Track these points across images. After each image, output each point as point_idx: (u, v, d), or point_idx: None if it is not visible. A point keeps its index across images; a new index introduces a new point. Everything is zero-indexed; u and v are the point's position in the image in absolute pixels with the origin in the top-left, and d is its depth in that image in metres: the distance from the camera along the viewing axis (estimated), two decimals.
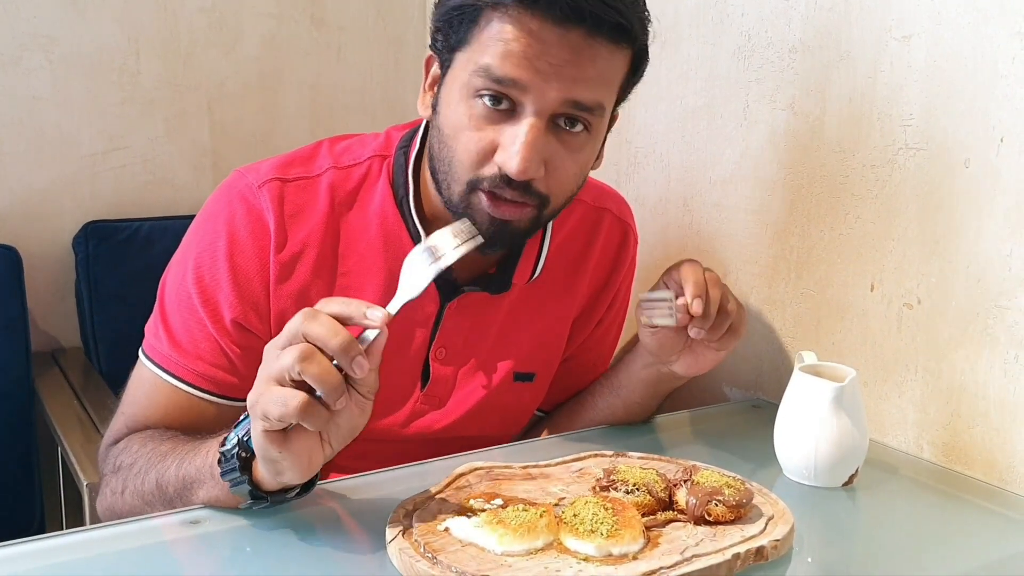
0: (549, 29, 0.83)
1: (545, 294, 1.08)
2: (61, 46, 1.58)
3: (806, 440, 0.91)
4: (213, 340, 0.93)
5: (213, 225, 0.96)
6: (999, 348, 0.94)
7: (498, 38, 0.84)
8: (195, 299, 0.94)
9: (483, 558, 0.70)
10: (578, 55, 0.84)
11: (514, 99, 0.85)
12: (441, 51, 0.91)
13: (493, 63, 0.84)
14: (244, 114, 1.77)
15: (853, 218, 1.09)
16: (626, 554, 0.71)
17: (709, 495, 0.78)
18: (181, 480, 0.83)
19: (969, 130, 0.96)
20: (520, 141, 0.84)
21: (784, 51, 1.15)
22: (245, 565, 0.74)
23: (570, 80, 0.85)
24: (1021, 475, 0.93)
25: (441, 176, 0.91)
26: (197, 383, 0.93)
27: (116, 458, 0.92)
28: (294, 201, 0.96)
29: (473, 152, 0.87)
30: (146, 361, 0.96)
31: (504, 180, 0.86)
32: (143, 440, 0.91)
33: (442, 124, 0.90)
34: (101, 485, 0.95)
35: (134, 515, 0.84)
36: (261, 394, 0.72)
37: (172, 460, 0.85)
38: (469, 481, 0.85)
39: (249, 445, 0.76)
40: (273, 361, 0.72)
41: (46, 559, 0.74)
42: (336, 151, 1.00)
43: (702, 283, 0.92)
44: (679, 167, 1.34)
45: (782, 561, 0.76)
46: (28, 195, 1.60)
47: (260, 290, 0.94)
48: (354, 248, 0.98)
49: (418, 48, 1.93)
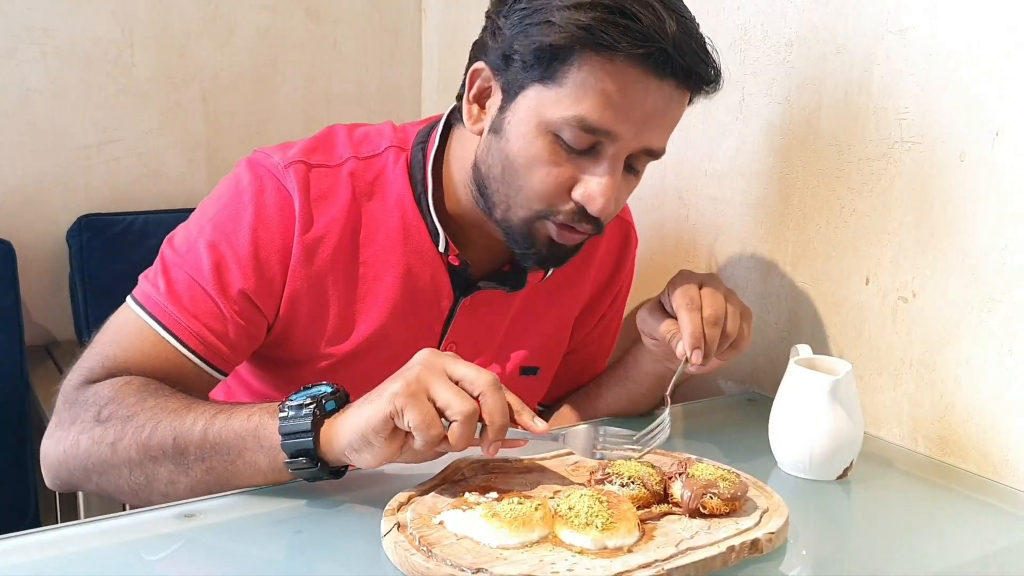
0: (648, 80, 0.85)
1: (553, 291, 1.09)
2: (55, 38, 1.58)
3: (801, 433, 0.91)
4: (214, 304, 0.92)
5: (239, 196, 0.94)
6: (994, 342, 0.94)
7: (598, 88, 0.84)
8: (206, 261, 0.92)
9: (478, 551, 0.70)
10: (666, 104, 0.88)
11: (600, 143, 0.87)
12: (511, 75, 0.89)
13: (591, 115, 0.85)
14: (239, 107, 1.77)
15: (848, 212, 1.09)
16: (621, 547, 0.71)
17: (704, 488, 0.78)
18: (209, 443, 0.81)
19: (965, 124, 0.96)
20: (605, 184, 0.87)
21: (780, 44, 1.15)
22: (240, 559, 0.74)
23: (653, 129, 0.88)
24: (1015, 468, 0.93)
25: (500, 197, 0.92)
26: (187, 340, 0.91)
27: (102, 406, 0.86)
28: (318, 186, 0.96)
29: (551, 186, 0.89)
30: (136, 307, 0.93)
31: (580, 215, 0.89)
32: (138, 392, 0.86)
33: (511, 152, 0.89)
34: (63, 426, 0.88)
35: (113, 468, 0.83)
36: (414, 397, 0.74)
37: (193, 420, 0.82)
38: (464, 474, 0.85)
39: (328, 410, 0.79)
40: (443, 377, 0.76)
41: (40, 553, 0.74)
42: (355, 140, 1.00)
43: (699, 330, 0.90)
44: (675, 160, 1.33)
45: (777, 553, 0.76)
46: (22, 188, 1.60)
47: (278, 269, 0.94)
48: (374, 238, 0.98)
49: (412, 40, 1.93)
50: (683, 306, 0.91)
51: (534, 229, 0.92)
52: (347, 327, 0.99)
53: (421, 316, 1.01)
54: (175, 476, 0.83)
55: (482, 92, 0.93)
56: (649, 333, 0.96)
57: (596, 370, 1.18)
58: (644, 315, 0.96)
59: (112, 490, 0.87)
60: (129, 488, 0.85)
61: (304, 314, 0.97)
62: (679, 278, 0.94)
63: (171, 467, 0.82)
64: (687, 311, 0.90)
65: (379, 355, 0.99)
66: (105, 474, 0.85)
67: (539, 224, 0.91)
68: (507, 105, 0.90)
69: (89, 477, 0.86)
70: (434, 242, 0.99)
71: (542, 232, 0.92)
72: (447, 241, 0.98)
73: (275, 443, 0.79)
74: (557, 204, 0.89)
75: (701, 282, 0.93)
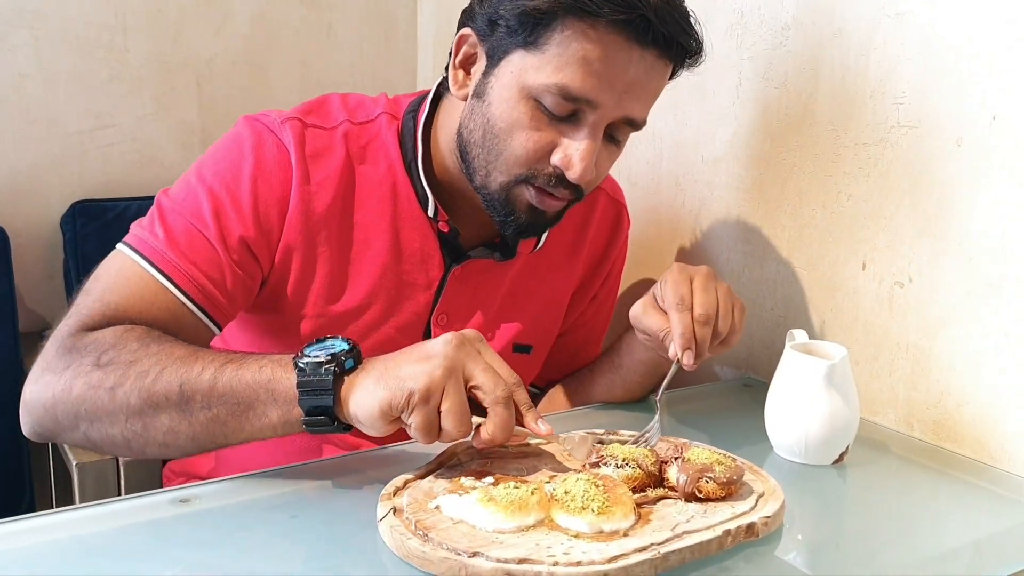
0: (631, 49, 0.86)
1: (545, 268, 1.10)
2: (47, 22, 1.56)
3: (797, 418, 0.91)
4: (214, 251, 0.91)
5: (238, 147, 0.95)
6: (990, 327, 0.94)
7: (580, 54, 0.85)
8: (206, 208, 0.92)
9: (474, 535, 0.70)
10: (648, 74, 0.88)
11: (581, 110, 0.88)
12: (495, 40, 0.90)
13: (572, 84, 0.86)
14: (233, 92, 1.76)
15: (845, 197, 1.08)
16: (617, 531, 0.71)
17: (700, 472, 0.78)
18: (218, 392, 0.79)
19: (962, 108, 0.95)
20: (583, 150, 0.88)
21: (777, 28, 1.15)
22: (236, 543, 0.73)
23: (635, 98, 0.89)
24: (1010, 453, 0.94)
25: (480, 163, 0.93)
26: (186, 287, 0.90)
27: (102, 352, 0.83)
28: (313, 144, 0.97)
29: (531, 151, 0.90)
30: (133, 254, 0.91)
31: (559, 180, 0.90)
32: (141, 339, 0.84)
33: (493, 116, 0.90)
34: (53, 371, 0.84)
35: (109, 415, 0.81)
36: (425, 403, 0.75)
37: (201, 367, 0.80)
38: (460, 459, 0.85)
39: (347, 368, 0.78)
40: (458, 386, 0.76)
41: (36, 538, 0.74)
42: (349, 105, 1.02)
43: (690, 331, 0.89)
44: (671, 146, 1.33)
45: (772, 537, 0.76)
46: (15, 174, 1.59)
47: (276, 219, 0.95)
48: (366, 201, 0.99)
49: (408, 25, 1.92)
50: (674, 306, 0.90)
51: (513, 195, 0.93)
52: (337, 289, 0.99)
53: (411, 283, 1.01)
54: (176, 425, 0.80)
55: (468, 58, 0.94)
56: (642, 330, 0.96)
57: (590, 353, 1.18)
58: (637, 312, 0.95)
59: (101, 439, 0.84)
60: (122, 437, 0.82)
61: (296, 269, 0.97)
62: (672, 273, 0.93)
63: (174, 415, 0.80)
64: (677, 311, 0.90)
65: (369, 321, 1.00)
66: (97, 421, 0.82)
67: (518, 189, 0.92)
68: (491, 70, 0.91)
69: (77, 425, 0.83)
70: (423, 208, 1.00)
71: (521, 198, 0.93)
72: (436, 206, 0.99)
73: (291, 397, 0.78)
74: (536, 168, 0.90)
75: (693, 277, 0.92)
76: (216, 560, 0.71)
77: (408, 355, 0.78)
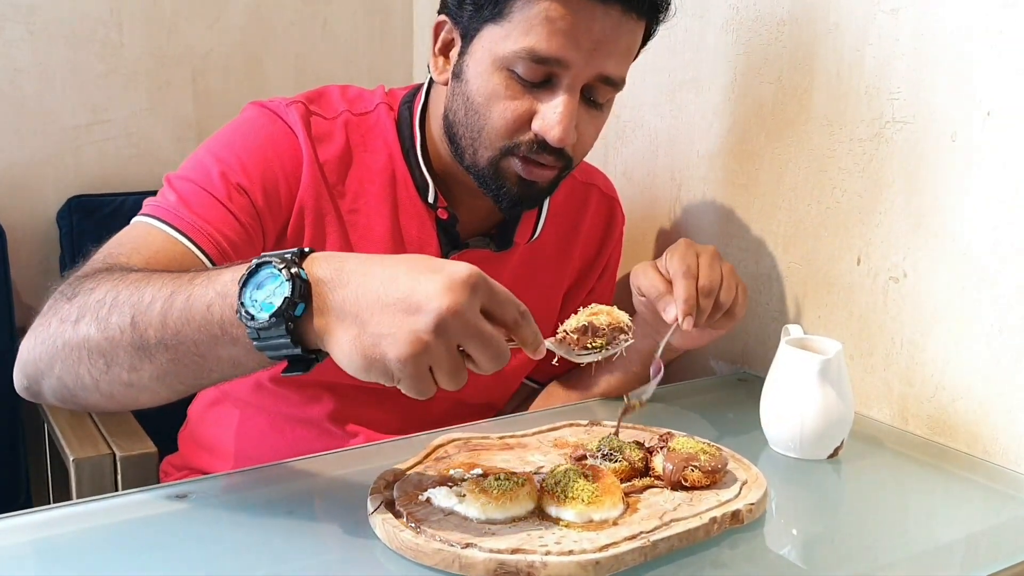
0: (593, 6, 0.87)
1: (541, 262, 1.11)
2: (42, 16, 1.56)
3: (792, 413, 0.91)
4: (226, 212, 0.92)
5: (247, 125, 0.98)
6: (984, 321, 0.94)
7: (543, 16, 0.86)
8: (215, 173, 0.92)
9: (466, 527, 0.70)
10: (615, 31, 0.89)
11: (553, 73, 0.89)
12: (466, 20, 0.92)
13: (539, 45, 0.87)
14: (229, 86, 1.75)
15: (840, 192, 1.08)
16: (606, 520, 0.72)
17: (685, 461, 0.79)
18: (171, 330, 0.70)
19: (956, 104, 0.95)
20: (560, 112, 0.89)
21: (772, 24, 1.15)
22: (230, 539, 0.73)
23: (606, 55, 0.89)
24: (1004, 447, 0.94)
25: (466, 142, 0.94)
26: (198, 240, 0.88)
27: (77, 285, 0.78)
28: (317, 128, 0.99)
29: (510, 120, 0.91)
30: (144, 217, 0.90)
31: (541, 146, 0.91)
32: (111, 268, 0.79)
33: (471, 92, 0.92)
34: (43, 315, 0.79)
35: (74, 351, 0.73)
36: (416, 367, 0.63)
37: (151, 296, 0.71)
38: (448, 452, 0.86)
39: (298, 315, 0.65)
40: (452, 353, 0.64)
41: (32, 534, 0.74)
42: (348, 97, 1.04)
43: (693, 298, 0.92)
44: (666, 140, 1.33)
45: (764, 529, 0.77)
46: (10, 169, 1.58)
47: (285, 194, 0.96)
48: (366, 187, 1.01)
49: (404, 19, 1.91)
50: (679, 272, 0.93)
51: (501, 168, 0.94)
52: None
53: None
54: (137, 362, 0.72)
55: (446, 44, 0.96)
56: (640, 286, 0.97)
57: None
58: (638, 271, 0.97)
59: (72, 382, 0.76)
60: (91, 377, 0.75)
61: (308, 240, 0.98)
62: (679, 246, 0.96)
63: (132, 352, 0.72)
64: (683, 278, 0.92)
65: None
66: (66, 360, 0.75)
67: (504, 162, 0.93)
68: (465, 49, 0.93)
69: (52, 367, 0.77)
70: (422, 195, 1.01)
71: (509, 171, 0.94)
72: (436, 192, 1.01)
73: (250, 345, 0.68)
74: (518, 137, 0.91)
75: (700, 253, 0.95)
76: (213, 555, 0.71)
77: (389, 290, 0.64)
